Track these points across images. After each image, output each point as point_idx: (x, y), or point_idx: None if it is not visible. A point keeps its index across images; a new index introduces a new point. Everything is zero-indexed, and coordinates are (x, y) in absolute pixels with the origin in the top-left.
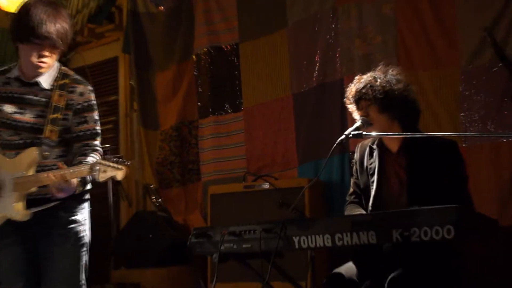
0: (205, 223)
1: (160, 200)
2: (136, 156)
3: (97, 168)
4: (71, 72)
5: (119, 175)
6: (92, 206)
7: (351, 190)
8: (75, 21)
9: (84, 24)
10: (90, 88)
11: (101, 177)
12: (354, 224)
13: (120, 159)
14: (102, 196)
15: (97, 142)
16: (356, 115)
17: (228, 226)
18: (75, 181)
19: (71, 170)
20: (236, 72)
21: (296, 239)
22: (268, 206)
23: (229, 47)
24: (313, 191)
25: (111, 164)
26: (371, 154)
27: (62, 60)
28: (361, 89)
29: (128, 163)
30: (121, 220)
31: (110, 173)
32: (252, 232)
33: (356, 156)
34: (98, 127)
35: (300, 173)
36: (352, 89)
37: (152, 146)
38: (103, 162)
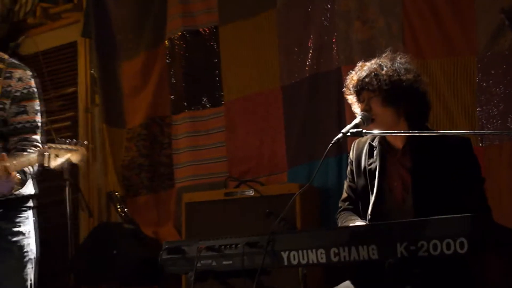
0: (179, 236)
1: (126, 210)
2: (98, 158)
3: (47, 154)
4: (5, 56)
5: (75, 157)
6: (46, 216)
7: (345, 195)
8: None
9: (36, 3)
10: (30, 73)
11: (54, 164)
12: (353, 237)
13: (75, 140)
14: (58, 205)
15: (38, 137)
16: (356, 108)
17: (206, 240)
18: (15, 175)
19: (15, 162)
20: (216, 60)
21: (285, 255)
22: (253, 216)
23: (207, 31)
24: (305, 198)
25: (64, 146)
26: (370, 153)
27: (11, 46)
28: (364, 77)
29: (86, 143)
30: (80, 233)
31: (63, 157)
32: (234, 246)
33: (352, 155)
34: (39, 119)
35: (291, 178)
36: (353, 77)
37: (117, 147)
38: (53, 145)
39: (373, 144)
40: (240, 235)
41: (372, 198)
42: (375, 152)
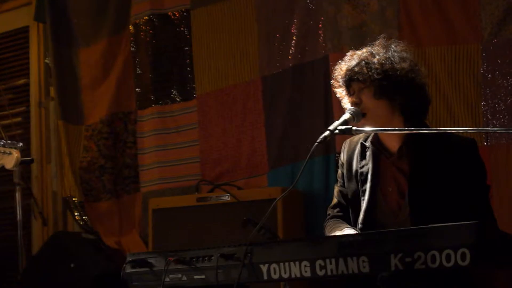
0: (145, 247)
1: (85, 217)
2: (54, 159)
3: None
4: None
5: (8, 162)
6: None
7: (334, 201)
8: None
9: None
10: None
11: None
12: (341, 248)
13: (9, 142)
14: (7, 212)
15: None
16: (346, 103)
17: (175, 251)
18: None
19: None
20: (187, 48)
21: (264, 268)
22: (229, 225)
23: (177, 15)
24: (288, 204)
25: None
26: (362, 155)
27: None
28: (354, 66)
29: (20, 145)
30: (33, 243)
31: None
32: (207, 258)
33: (343, 156)
34: None
35: (272, 181)
36: (342, 67)
37: (74, 146)
38: None
39: (366, 144)
40: (214, 245)
41: (364, 205)
42: (367, 154)
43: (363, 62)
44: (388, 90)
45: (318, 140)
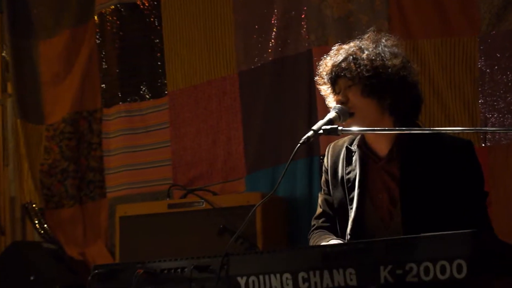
0: (111, 258)
1: (46, 225)
2: (12, 161)
3: None
4: None
5: None
6: None
7: (319, 210)
8: None
9: None
10: None
11: None
12: (326, 258)
13: None
14: None
15: None
16: (331, 101)
17: (144, 263)
18: None
19: None
20: (157, 40)
21: (242, 281)
22: (204, 233)
23: (146, 4)
24: (268, 211)
25: None
26: (348, 160)
27: None
28: (340, 62)
29: None
30: None
31: None
32: (179, 271)
33: (327, 162)
34: None
35: (250, 186)
36: (327, 62)
37: (34, 147)
38: None
39: (352, 148)
40: (187, 256)
41: (352, 214)
42: (354, 158)
43: (351, 57)
44: (377, 88)
45: (301, 141)
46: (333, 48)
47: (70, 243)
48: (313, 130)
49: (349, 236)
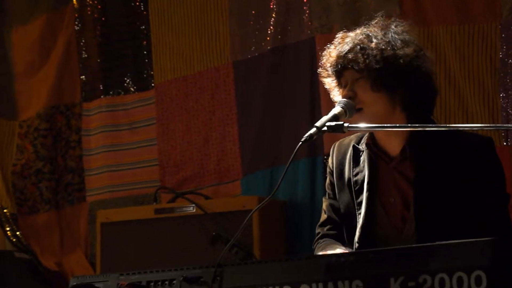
0: (91, 269)
1: (19, 233)
2: None
3: None
4: None
5: None
6: None
7: (324, 217)
8: None
9: None
10: None
11: None
12: (330, 269)
13: None
14: None
15: None
16: (337, 94)
17: (128, 274)
18: None
19: None
20: (144, 27)
21: None
22: (194, 241)
23: None
24: (266, 216)
25: None
26: (356, 160)
27: None
28: (347, 53)
29: None
30: None
31: None
32: (167, 283)
33: (332, 162)
34: None
35: (246, 189)
36: (331, 53)
37: (6, 146)
38: None
39: (360, 147)
40: (176, 267)
41: (361, 220)
42: (362, 158)
43: (358, 47)
44: (388, 81)
45: (303, 139)
46: (337, 36)
47: (46, 252)
48: (316, 127)
49: (357, 245)
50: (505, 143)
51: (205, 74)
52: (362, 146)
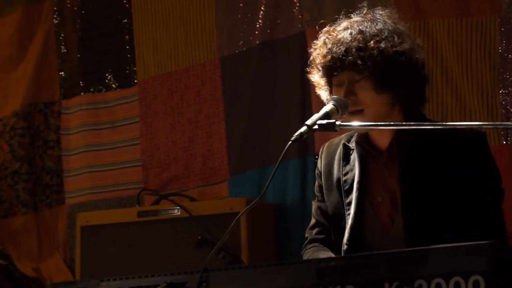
0: (71, 275)
1: None
2: None
3: None
4: None
5: None
6: None
7: (313, 221)
8: None
9: None
10: None
11: None
12: (321, 274)
13: None
14: None
15: None
16: (324, 89)
17: (109, 280)
18: None
19: None
20: (126, 20)
21: None
22: (179, 246)
23: None
24: (254, 219)
25: None
26: (346, 158)
27: None
28: (344, 55)
29: None
30: None
31: None
32: None
33: (320, 164)
34: None
35: (234, 190)
36: (322, 52)
37: None
38: None
39: (350, 145)
40: (160, 272)
41: (349, 221)
42: (352, 157)
43: (355, 48)
44: (391, 81)
45: (293, 138)
46: (323, 30)
47: (23, 257)
48: (306, 125)
49: (346, 246)
50: (504, 142)
51: (191, 70)
52: (352, 144)
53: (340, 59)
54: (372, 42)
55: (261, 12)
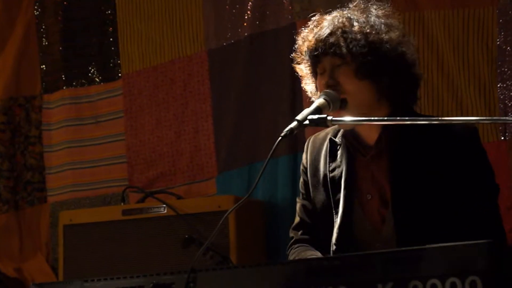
0: (54, 276)
1: None
2: None
3: None
4: None
5: None
6: None
7: (297, 219)
8: None
9: None
10: None
11: None
12: (312, 275)
13: None
14: None
15: None
16: (309, 82)
17: (93, 280)
18: None
19: None
20: (109, 11)
21: None
22: (166, 245)
23: None
24: (243, 217)
25: None
26: (333, 154)
27: None
28: (327, 36)
29: None
30: None
31: None
32: None
33: (306, 159)
34: None
35: (222, 187)
36: (307, 36)
37: None
38: None
39: (336, 140)
40: (145, 272)
41: (338, 220)
42: (339, 152)
43: (340, 30)
44: (374, 68)
45: (283, 134)
46: (312, 18)
47: (4, 257)
48: (297, 120)
49: (334, 247)
50: (502, 138)
51: (177, 63)
52: (339, 139)
53: (323, 40)
54: (357, 26)
55: (250, 3)
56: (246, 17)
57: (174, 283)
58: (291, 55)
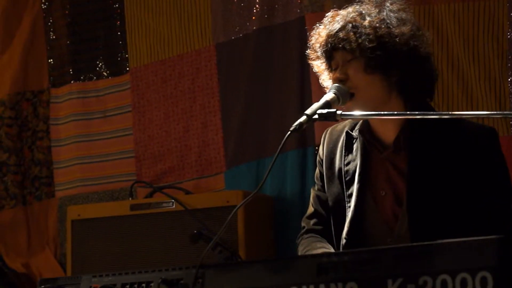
0: (62, 271)
1: None
2: None
3: None
4: None
5: None
6: None
7: (311, 209)
8: None
9: None
10: None
11: None
12: (322, 270)
13: None
14: None
15: None
16: (326, 79)
17: (102, 275)
18: None
19: None
20: (117, 5)
21: None
22: (174, 240)
23: None
24: (252, 213)
25: None
26: (348, 147)
27: None
28: (337, 31)
29: None
30: None
31: None
32: (144, 285)
33: (322, 151)
34: None
35: (231, 183)
36: (320, 32)
37: None
38: None
39: (353, 134)
40: (154, 268)
41: (350, 214)
42: (355, 146)
43: (350, 25)
44: (383, 62)
45: (292, 128)
46: (327, 14)
47: (12, 252)
48: (306, 114)
49: (345, 240)
50: None
51: (185, 58)
52: (355, 133)
53: (334, 35)
54: (367, 21)
55: None
56: (254, 10)
57: (182, 279)
58: (305, 51)
